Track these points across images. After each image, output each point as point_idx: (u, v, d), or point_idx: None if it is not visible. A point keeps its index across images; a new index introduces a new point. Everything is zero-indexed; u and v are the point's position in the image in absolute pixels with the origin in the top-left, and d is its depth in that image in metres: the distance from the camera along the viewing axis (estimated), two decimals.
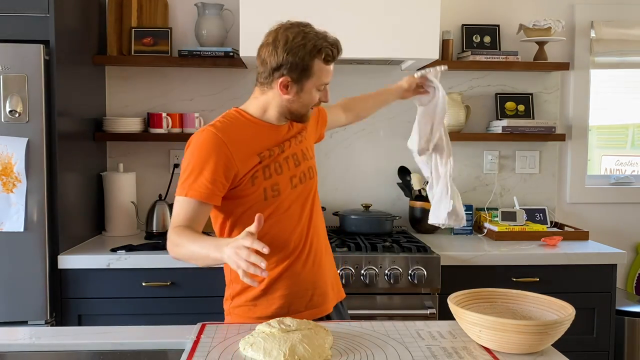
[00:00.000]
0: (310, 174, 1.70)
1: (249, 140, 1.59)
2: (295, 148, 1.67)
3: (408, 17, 2.44)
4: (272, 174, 1.59)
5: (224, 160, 1.52)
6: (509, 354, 1.19)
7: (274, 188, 1.59)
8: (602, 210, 3.04)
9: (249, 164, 1.56)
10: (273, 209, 1.58)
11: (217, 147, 1.53)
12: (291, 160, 1.65)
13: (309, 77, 1.56)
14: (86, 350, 1.29)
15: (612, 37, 2.96)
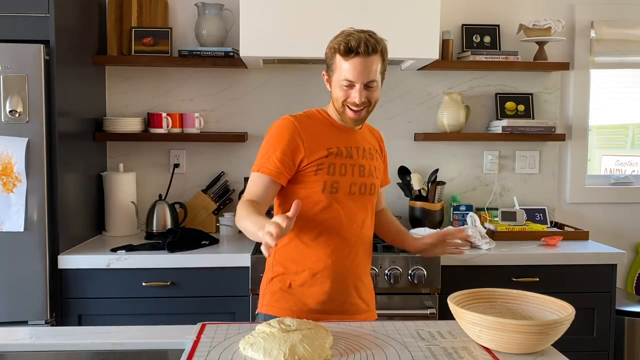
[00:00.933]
0: (371, 190, 1.76)
1: (321, 134, 1.71)
2: (364, 161, 1.75)
3: (408, 17, 2.44)
4: (336, 172, 1.68)
5: (294, 144, 1.66)
6: (509, 354, 1.19)
7: (333, 185, 1.68)
8: (602, 210, 3.04)
9: (316, 154, 1.67)
10: (327, 204, 1.67)
11: (290, 132, 1.67)
12: (357, 169, 1.72)
13: (333, 72, 1.68)
14: (86, 350, 1.29)
15: (612, 37, 2.96)
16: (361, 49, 1.60)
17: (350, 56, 1.61)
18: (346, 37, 1.63)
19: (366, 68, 1.63)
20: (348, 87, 1.65)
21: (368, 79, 1.64)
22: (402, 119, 2.93)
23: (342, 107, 1.69)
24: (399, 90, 2.92)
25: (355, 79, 1.63)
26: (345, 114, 1.70)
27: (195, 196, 2.82)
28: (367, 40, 1.61)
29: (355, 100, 1.65)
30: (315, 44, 2.44)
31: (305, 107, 2.86)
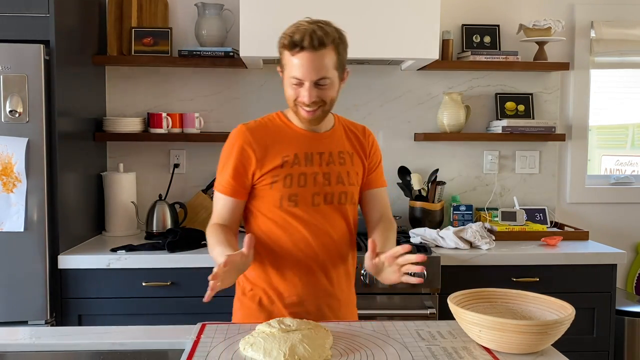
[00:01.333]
0: (340, 199, 1.61)
1: (277, 141, 1.58)
2: (331, 167, 1.60)
3: (408, 17, 2.44)
4: (294, 184, 1.56)
5: (245, 155, 1.56)
6: (509, 354, 1.19)
7: (291, 198, 1.56)
8: (602, 210, 3.03)
9: (270, 164, 1.56)
10: (286, 219, 1.57)
11: (240, 143, 1.57)
12: (320, 177, 1.58)
13: (284, 67, 1.53)
14: (86, 350, 1.29)
15: (612, 37, 2.96)
16: (306, 43, 1.45)
17: (296, 51, 1.46)
18: (292, 30, 1.49)
19: (315, 64, 1.46)
20: (297, 85, 1.50)
21: (318, 76, 1.48)
22: (402, 119, 2.93)
23: (295, 107, 1.54)
24: (399, 90, 2.92)
25: (303, 76, 1.47)
26: (299, 114, 1.55)
27: (195, 196, 2.82)
28: (313, 33, 1.45)
29: (304, 100, 1.50)
30: None
31: None
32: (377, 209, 1.72)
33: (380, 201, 1.73)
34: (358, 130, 1.72)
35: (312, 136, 1.61)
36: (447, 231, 2.47)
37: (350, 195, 1.63)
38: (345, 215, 1.63)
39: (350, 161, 1.64)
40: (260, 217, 1.60)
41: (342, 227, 1.63)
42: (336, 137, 1.64)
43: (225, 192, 1.58)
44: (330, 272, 1.61)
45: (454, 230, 2.47)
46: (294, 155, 1.57)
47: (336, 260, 1.62)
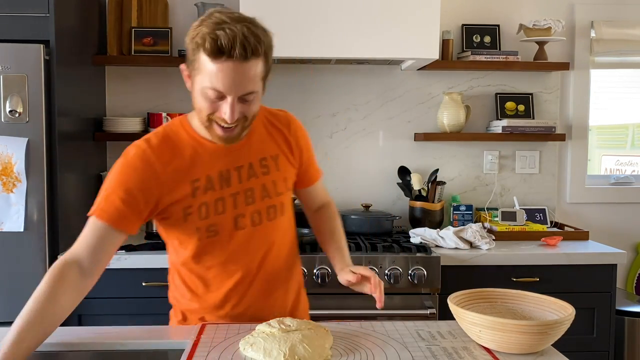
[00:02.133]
0: (270, 215, 1.40)
1: (185, 162, 1.33)
2: (254, 181, 1.38)
3: (408, 17, 2.44)
4: (210, 213, 1.34)
5: (146, 181, 1.30)
6: (509, 354, 1.19)
7: (210, 229, 1.35)
8: (602, 210, 3.03)
9: (178, 192, 1.32)
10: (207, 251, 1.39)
11: (141, 167, 1.30)
12: (241, 197, 1.36)
13: (196, 71, 1.24)
14: (86, 350, 1.29)
15: (612, 37, 2.96)
16: (237, 53, 1.18)
17: (221, 59, 1.19)
18: (215, 28, 1.18)
19: (243, 76, 1.21)
20: (216, 98, 1.23)
21: (245, 91, 1.23)
22: (402, 119, 2.93)
23: (208, 122, 1.28)
24: (399, 90, 2.92)
25: (227, 90, 1.21)
26: (212, 131, 1.29)
27: None
28: (245, 40, 1.19)
29: (226, 117, 1.24)
30: (315, 44, 2.45)
31: (305, 106, 2.89)
32: (317, 202, 1.64)
33: (319, 193, 1.63)
34: (280, 122, 1.48)
35: (225, 150, 1.35)
36: (447, 231, 2.47)
37: (280, 207, 1.43)
38: (281, 228, 1.45)
39: (275, 167, 1.42)
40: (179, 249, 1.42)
41: (279, 241, 1.45)
42: (255, 142, 1.40)
43: (107, 218, 1.27)
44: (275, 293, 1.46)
45: (454, 230, 2.47)
46: (206, 179, 1.34)
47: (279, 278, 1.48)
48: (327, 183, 2.89)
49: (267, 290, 1.46)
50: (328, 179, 2.91)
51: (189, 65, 1.27)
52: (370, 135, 2.93)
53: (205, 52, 1.19)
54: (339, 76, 2.90)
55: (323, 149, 2.92)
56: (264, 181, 1.39)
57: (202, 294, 1.45)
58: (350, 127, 2.92)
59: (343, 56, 2.50)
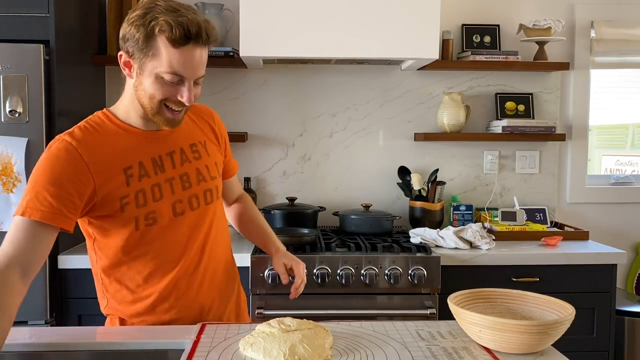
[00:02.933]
0: (207, 198, 1.43)
1: (114, 150, 1.33)
2: (188, 166, 1.40)
3: (408, 17, 2.44)
4: (148, 200, 1.34)
5: (77, 173, 1.27)
6: (509, 354, 1.19)
7: (148, 217, 1.34)
8: (602, 210, 3.03)
9: (112, 182, 1.31)
10: (147, 241, 1.36)
11: (68, 159, 1.27)
12: (177, 182, 1.38)
13: (148, 58, 1.27)
14: (86, 350, 1.29)
15: (612, 37, 2.96)
16: (202, 38, 1.27)
17: (186, 44, 1.25)
18: (177, 17, 1.24)
19: (200, 61, 1.30)
20: (174, 82, 1.28)
21: (200, 74, 1.32)
22: (402, 119, 2.93)
23: (159, 107, 1.31)
24: (399, 90, 2.92)
25: (189, 73, 1.28)
26: (160, 115, 1.32)
27: None
28: (205, 26, 1.27)
29: (184, 100, 1.30)
30: (315, 44, 2.45)
31: (305, 106, 2.89)
32: (235, 193, 1.72)
33: (236, 185, 1.72)
34: (205, 113, 1.54)
35: (154, 135, 1.38)
36: (447, 231, 2.47)
37: (215, 191, 1.47)
38: (216, 212, 1.48)
39: (205, 152, 1.46)
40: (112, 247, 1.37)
41: (217, 224, 1.48)
42: (182, 129, 1.42)
43: (40, 216, 1.22)
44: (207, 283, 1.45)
45: (454, 230, 2.47)
46: (139, 165, 1.34)
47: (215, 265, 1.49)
48: (327, 183, 2.92)
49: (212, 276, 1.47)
50: (328, 179, 2.92)
51: (134, 53, 1.28)
52: (370, 135, 2.93)
53: (167, 38, 1.24)
54: (339, 76, 2.90)
55: (323, 149, 2.92)
56: (198, 165, 1.43)
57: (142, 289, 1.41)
58: (350, 127, 2.92)
59: (343, 56, 2.50)
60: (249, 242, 2.49)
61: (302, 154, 2.92)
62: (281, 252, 1.63)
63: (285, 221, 2.64)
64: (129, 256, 1.38)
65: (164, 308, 1.42)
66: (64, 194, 1.26)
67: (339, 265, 2.25)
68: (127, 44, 1.29)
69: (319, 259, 2.26)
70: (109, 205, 1.32)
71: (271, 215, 2.66)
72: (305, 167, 2.92)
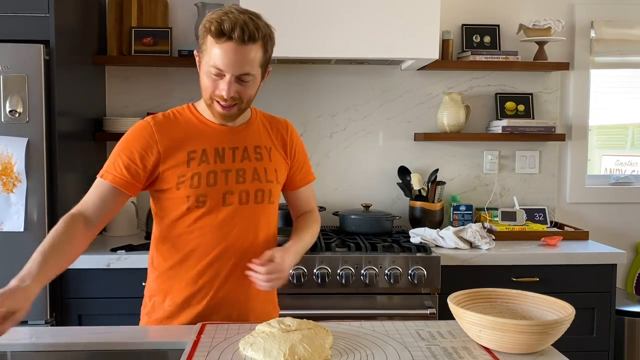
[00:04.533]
0: (258, 197, 1.50)
1: (185, 134, 1.48)
2: (247, 163, 1.50)
3: (408, 17, 2.44)
4: (202, 183, 1.45)
5: (145, 144, 1.44)
6: (509, 354, 1.19)
7: (199, 199, 1.45)
8: (602, 210, 3.03)
9: (174, 159, 1.45)
10: (193, 222, 1.47)
11: (143, 133, 1.46)
12: (233, 175, 1.47)
13: (203, 53, 1.43)
14: (86, 350, 1.29)
15: (612, 37, 2.97)
16: (236, 34, 1.34)
17: (222, 40, 1.36)
18: (221, 15, 1.36)
19: (240, 57, 1.37)
20: (217, 76, 1.40)
21: (242, 71, 1.38)
22: (402, 119, 2.93)
23: (210, 100, 1.44)
24: (399, 90, 2.92)
25: (226, 67, 1.38)
26: (212, 108, 1.45)
27: None
28: (245, 25, 1.35)
29: (222, 93, 1.40)
30: (315, 44, 2.45)
31: (305, 106, 2.89)
32: (303, 205, 1.72)
33: (307, 198, 1.72)
34: (280, 124, 1.64)
35: (224, 130, 1.51)
36: (447, 231, 2.47)
37: (268, 194, 1.52)
38: (269, 214, 1.54)
39: (268, 156, 1.54)
40: (166, 220, 1.50)
41: (263, 227, 1.53)
42: (252, 131, 1.55)
43: (113, 180, 1.43)
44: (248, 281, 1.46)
45: (453, 230, 2.47)
46: (202, 151, 1.46)
47: None
48: (327, 183, 2.92)
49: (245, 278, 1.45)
50: (328, 179, 2.92)
51: (198, 50, 1.46)
52: (370, 135, 2.93)
53: (210, 34, 1.37)
54: (339, 76, 2.90)
55: (323, 149, 2.92)
56: (256, 165, 1.51)
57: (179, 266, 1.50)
58: (350, 127, 2.92)
59: (343, 56, 2.50)
60: None
61: None
62: (282, 247, 1.53)
63: (285, 221, 2.64)
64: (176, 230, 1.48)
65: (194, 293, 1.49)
66: (132, 165, 1.43)
67: (339, 265, 2.25)
68: (199, 42, 1.45)
69: (319, 259, 2.26)
70: (167, 180, 1.45)
71: None
72: None
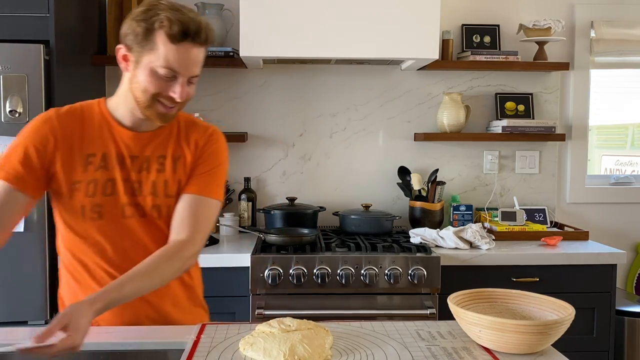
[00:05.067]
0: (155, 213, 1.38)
1: (87, 134, 1.37)
2: (145, 175, 1.38)
3: (408, 17, 2.44)
4: (97, 192, 1.35)
5: (44, 138, 1.34)
6: (509, 354, 1.19)
7: (94, 209, 1.35)
8: (602, 210, 3.03)
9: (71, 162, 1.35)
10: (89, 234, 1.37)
11: (44, 127, 1.36)
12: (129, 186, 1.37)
13: (146, 52, 1.29)
14: (86, 350, 1.29)
15: (612, 37, 2.96)
16: (201, 37, 1.30)
17: (183, 41, 1.28)
18: (177, 14, 1.28)
19: (196, 59, 1.32)
20: (168, 77, 1.30)
21: (194, 73, 1.34)
22: (402, 119, 2.93)
23: (152, 100, 1.32)
24: (399, 90, 2.92)
25: (183, 70, 1.30)
26: (153, 109, 1.33)
27: None
28: (206, 27, 1.31)
29: (175, 96, 1.31)
30: (315, 44, 2.45)
31: (305, 106, 2.89)
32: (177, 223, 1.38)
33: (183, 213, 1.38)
34: (200, 131, 1.46)
35: (130, 135, 1.39)
36: (447, 231, 2.47)
37: (166, 210, 1.39)
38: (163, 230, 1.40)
39: (171, 168, 1.40)
40: (64, 228, 1.40)
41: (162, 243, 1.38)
42: (161, 139, 1.42)
43: (5, 177, 1.31)
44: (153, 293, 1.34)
45: (453, 230, 2.47)
46: (102, 156, 1.36)
47: None
48: (327, 183, 2.92)
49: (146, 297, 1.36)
50: (328, 179, 2.92)
51: (133, 46, 1.31)
52: (370, 135, 2.93)
53: (166, 33, 1.27)
54: (339, 76, 2.90)
55: (323, 149, 2.92)
56: (155, 179, 1.39)
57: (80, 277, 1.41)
58: (350, 127, 2.92)
59: (343, 56, 2.50)
60: (248, 243, 2.49)
61: (302, 154, 2.92)
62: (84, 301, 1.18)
63: (285, 221, 2.64)
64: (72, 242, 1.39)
65: None
66: (27, 161, 1.34)
67: (339, 265, 2.25)
68: (127, 38, 1.32)
69: (319, 259, 2.26)
70: (60, 184, 1.36)
71: (271, 215, 2.66)
72: (305, 167, 2.92)
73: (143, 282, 1.28)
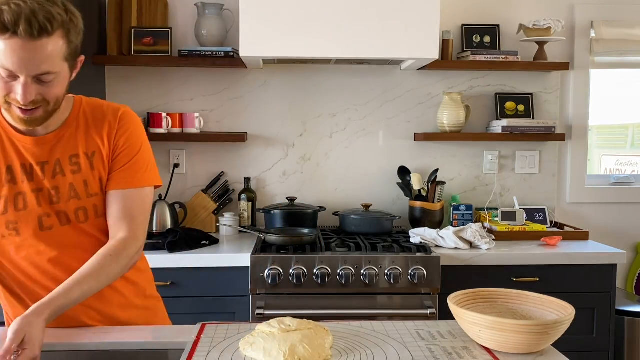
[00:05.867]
0: (81, 216, 1.29)
1: None
2: (61, 180, 1.28)
3: (408, 17, 2.44)
4: (9, 209, 1.25)
5: None
6: (509, 354, 1.19)
7: (9, 226, 1.26)
8: (602, 210, 3.03)
9: None
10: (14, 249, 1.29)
11: None
12: (45, 195, 1.27)
13: None
14: (86, 350, 1.29)
15: (612, 37, 2.96)
16: (21, 29, 1.08)
17: (6, 36, 1.09)
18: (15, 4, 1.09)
19: (33, 55, 1.11)
20: (9, 77, 1.14)
21: (39, 71, 1.14)
22: (402, 119, 2.93)
23: (7, 104, 1.18)
24: (399, 90, 2.92)
25: (17, 68, 1.12)
26: (12, 112, 1.19)
27: (195, 196, 2.82)
28: (32, 15, 1.08)
29: (18, 98, 1.15)
30: (315, 44, 2.45)
31: (305, 106, 2.89)
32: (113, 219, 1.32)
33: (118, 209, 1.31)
34: (109, 113, 1.34)
35: (32, 142, 1.26)
36: (447, 231, 2.47)
37: (92, 210, 1.30)
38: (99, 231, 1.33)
39: (88, 165, 1.30)
40: None
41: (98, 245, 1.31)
42: (67, 137, 1.30)
43: None
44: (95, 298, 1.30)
45: (453, 230, 2.47)
46: (7, 169, 1.25)
47: None
48: (327, 183, 2.92)
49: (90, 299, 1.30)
50: (328, 179, 2.92)
51: None
52: (370, 135, 2.93)
53: None
54: (339, 76, 2.90)
55: (323, 149, 2.92)
56: (73, 181, 1.28)
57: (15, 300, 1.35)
58: (350, 127, 2.92)
59: (343, 56, 2.50)
60: (248, 242, 2.49)
61: (302, 154, 2.92)
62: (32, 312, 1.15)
63: (285, 221, 2.64)
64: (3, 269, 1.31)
65: None
66: None
67: (339, 265, 2.25)
68: None
69: (319, 259, 2.26)
70: None
71: (271, 215, 2.66)
72: (305, 167, 2.92)
73: (90, 284, 1.24)
